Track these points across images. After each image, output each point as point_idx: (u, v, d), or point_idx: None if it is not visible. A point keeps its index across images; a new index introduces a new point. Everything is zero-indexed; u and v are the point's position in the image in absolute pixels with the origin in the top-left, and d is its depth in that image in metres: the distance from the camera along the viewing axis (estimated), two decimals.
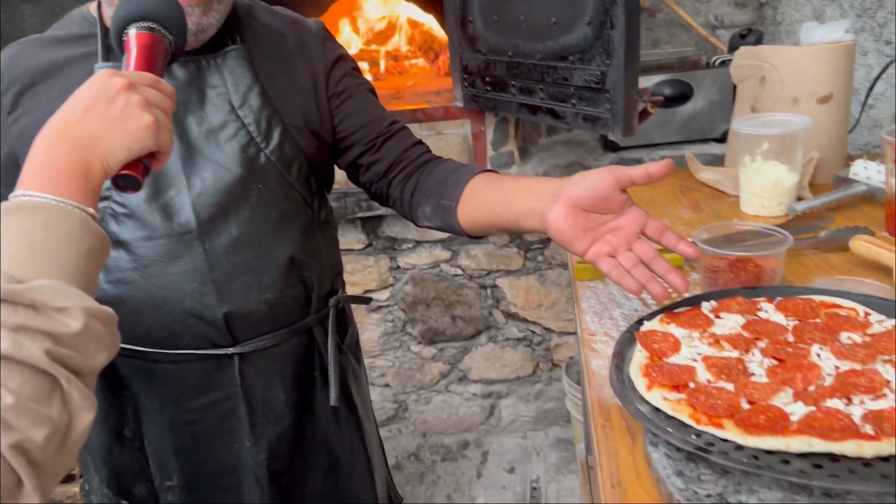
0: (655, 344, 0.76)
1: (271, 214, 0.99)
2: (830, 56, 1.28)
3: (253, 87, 0.97)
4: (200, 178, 0.95)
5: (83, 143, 0.67)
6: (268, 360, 1.03)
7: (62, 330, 0.56)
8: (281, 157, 0.98)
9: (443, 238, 2.19)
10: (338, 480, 1.14)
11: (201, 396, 1.03)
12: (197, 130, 0.95)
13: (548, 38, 1.54)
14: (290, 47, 1.02)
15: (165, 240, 0.95)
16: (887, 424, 0.60)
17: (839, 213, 1.20)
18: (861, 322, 0.77)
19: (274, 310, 1.01)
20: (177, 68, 0.95)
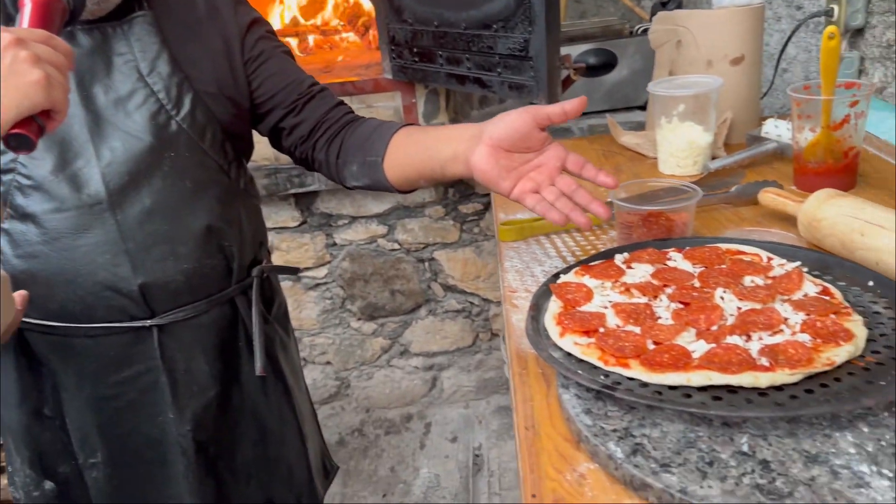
0: (569, 294, 0.79)
1: (185, 183, 0.97)
2: (741, 18, 1.32)
3: (161, 53, 0.95)
4: (109, 148, 0.93)
5: None
6: (189, 331, 1.02)
7: None
8: (193, 124, 0.97)
9: (379, 213, 2.19)
10: (268, 450, 1.14)
11: (121, 370, 1.01)
12: (104, 99, 0.93)
13: (471, 7, 1.55)
14: (200, 12, 1.00)
15: (75, 211, 0.93)
16: (782, 357, 0.64)
17: (751, 170, 1.25)
18: (764, 266, 0.81)
19: (192, 280, 1.00)
20: (81, 36, 0.93)
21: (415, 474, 2.18)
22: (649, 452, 0.57)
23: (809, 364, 0.62)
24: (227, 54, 1.01)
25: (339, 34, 2.56)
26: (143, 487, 1.07)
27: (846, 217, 0.87)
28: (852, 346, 0.64)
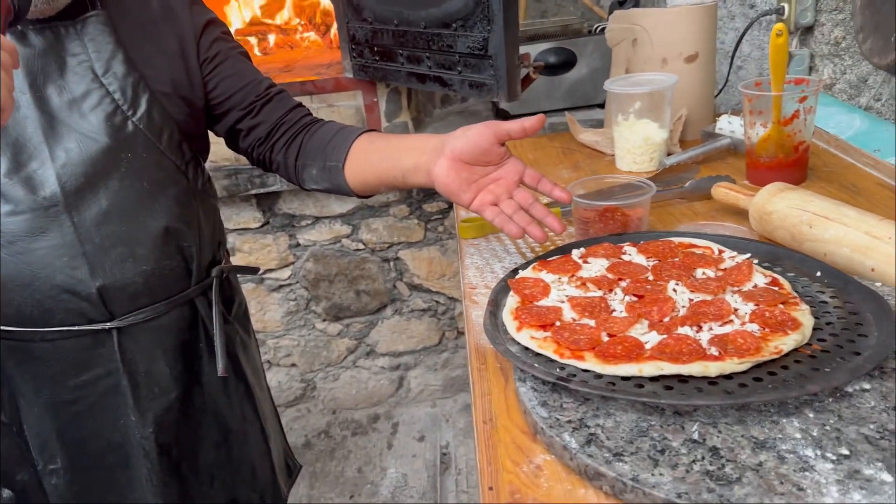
0: (527, 289, 0.79)
1: (142, 184, 0.96)
2: (694, 16, 1.34)
3: (116, 53, 0.94)
4: (64, 149, 0.92)
5: None
6: (148, 333, 1.01)
7: None
8: (150, 124, 0.96)
9: (342, 213, 2.18)
10: (231, 450, 1.13)
11: (80, 374, 1.00)
12: (58, 100, 0.92)
13: (431, 6, 1.55)
14: (154, 12, 0.99)
15: (30, 214, 0.92)
16: (731, 346, 0.65)
17: (706, 166, 1.27)
18: (715, 259, 0.83)
19: (151, 281, 0.99)
20: (33, 36, 0.91)
21: (382, 474, 2.18)
22: (603, 442, 0.58)
23: (757, 353, 0.63)
24: (183, 55, 1.00)
25: (300, 33, 2.55)
26: (104, 492, 1.06)
27: (795, 210, 0.89)
28: (799, 334, 0.66)
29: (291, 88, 1.94)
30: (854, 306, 0.72)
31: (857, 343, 0.65)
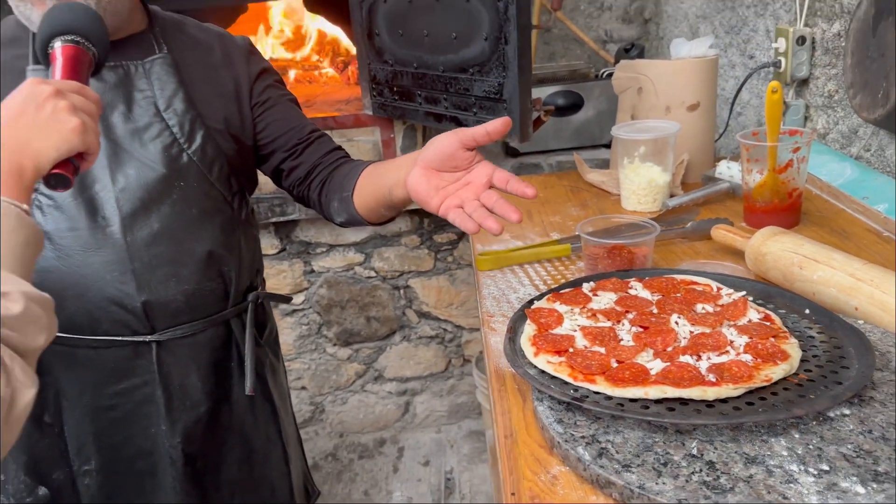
0: (542, 318, 0.88)
1: (191, 210, 1.05)
2: (696, 69, 1.44)
3: (178, 92, 1.04)
4: (124, 175, 1.01)
5: (16, 146, 0.73)
6: (185, 348, 1.09)
7: (4, 312, 0.61)
8: (203, 157, 1.05)
9: (356, 241, 2.27)
10: (253, 468, 1.20)
11: (120, 382, 1.08)
12: (123, 129, 1.01)
13: (449, 52, 1.66)
14: (216, 58, 1.09)
15: (88, 231, 1.01)
16: (727, 374, 0.73)
17: (706, 208, 1.36)
18: (714, 295, 0.91)
19: (191, 300, 1.07)
20: (107, 72, 1.01)
21: (388, 498, 2.23)
22: (613, 455, 0.66)
23: (750, 380, 0.71)
24: (237, 97, 1.10)
25: (319, 69, 2.66)
26: (132, 495, 1.13)
27: (787, 252, 0.98)
28: (787, 365, 0.74)
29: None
30: (838, 341, 0.80)
31: (840, 374, 0.73)
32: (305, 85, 2.62)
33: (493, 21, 1.52)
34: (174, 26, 1.11)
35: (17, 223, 0.69)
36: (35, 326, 0.64)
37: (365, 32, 1.90)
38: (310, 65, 2.64)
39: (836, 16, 1.43)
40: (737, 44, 1.94)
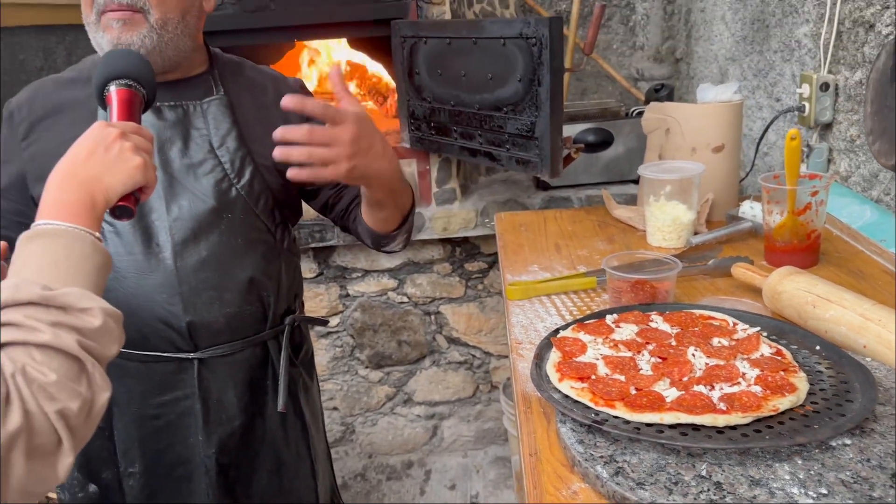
0: (567, 347, 0.94)
1: (237, 240, 1.15)
2: (721, 112, 1.51)
3: (231, 131, 1.14)
4: (178, 206, 1.11)
5: (88, 181, 0.83)
6: (224, 366, 1.18)
7: (86, 326, 0.71)
8: (250, 191, 1.15)
9: (390, 267, 2.35)
10: (282, 482, 1.28)
11: (164, 394, 1.17)
12: (179, 164, 1.12)
13: (485, 91, 1.75)
14: (269, 98, 1.19)
15: (143, 257, 1.11)
16: (737, 403, 0.79)
17: (729, 246, 1.42)
18: (729, 330, 0.97)
19: (232, 322, 1.16)
20: (167, 111, 1.12)
21: None
22: (628, 474, 0.72)
23: (758, 409, 0.77)
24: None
25: (359, 103, 2.77)
26: (170, 498, 1.21)
27: (801, 291, 1.04)
28: (795, 397, 0.80)
29: None
30: (845, 376, 0.85)
31: (844, 407, 0.79)
32: None
33: (527, 64, 1.61)
34: (232, 68, 1.22)
35: (92, 249, 0.79)
36: (110, 338, 0.74)
37: (406, 71, 2.00)
38: None
39: (859, 64, 1.49)
40: (764, 87, 2.00)
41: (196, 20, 1.12)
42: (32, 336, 0.67)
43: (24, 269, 0.75)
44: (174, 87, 1.14)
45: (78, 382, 0.68)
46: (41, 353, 0.66)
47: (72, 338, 0.69)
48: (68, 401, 0.66)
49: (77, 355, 0.69)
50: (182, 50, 1.10)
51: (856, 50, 1.50)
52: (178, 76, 1.14)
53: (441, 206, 2.21)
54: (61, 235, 0.78)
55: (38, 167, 1.10)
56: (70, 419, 0.66)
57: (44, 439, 0.63)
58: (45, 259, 0.76)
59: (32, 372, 0.64)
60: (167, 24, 1.06)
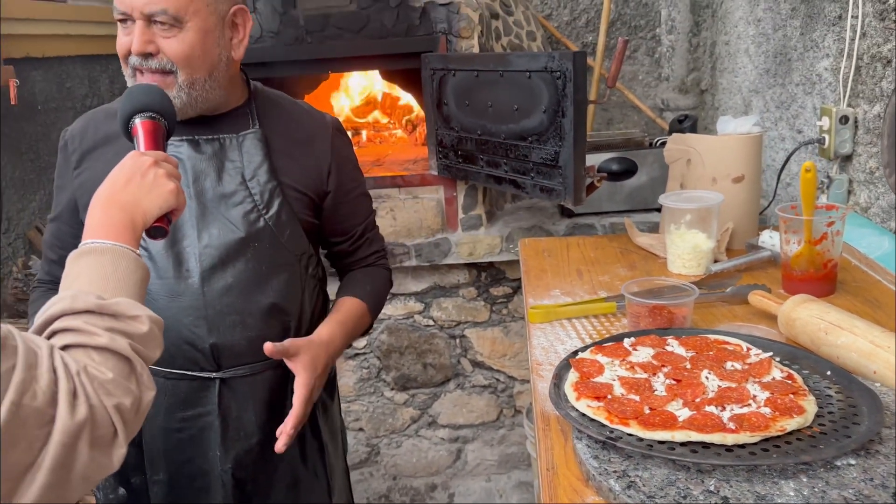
0: (585, 368, 0.99)
1: (261, 267, 1.21)
2: (741, 144, 1.55)
3: (263, 164, 1.21)
4: (209, 234, 1.18)
5: (129, 205, 0.92)
6: (244, 386, 1.24)
7: (136, 331, 0.79)
8: (277, 222, 1.22)
9: (417, 291, 2.41)
10: (298, 498, 1.33)
11: (187, 409, 1.23)
12: (212, 194, 1.19)
13: (510, 122, 1.81)
14: (303, 134, 1.27)
15: (173, 281, 1.18)
16: (746, 423, 0.83)
17: (748, 274, 1.45)
18: (743, 354, 1.01)
19: (254, 345, 1.21)
20: (205, 144, 1.19)
21: None
22: (640, 488, 0.76)
23: (766, 429, 0.81)
24: (317, 173, 1.28)
25: (389, 130, 2.86)
26: None
27: (814, 318, 1.07)
28: (802, 418, 0.83)
29: (383, 182, 2.22)
30: (854, 400, 0.88)
31: (850, 429, 0.82)
32: (376, 144, 2.82)
33: (551, 96, 1.67)
34: (271, 102, 1.29)
35: (135, 264, 0.88)
36: (154, 343, 0.82)
37: (435, 101, 2.07)
38: (381, 126, 2.84)
39: (877, 98, 1.53)
40: (786, 118, 2.03)
41: (225, 72, 1.18)
42: (91, 339, 0.74)
43: (75, 282, 0.83)
44: (213, 122, 1.21)
45: (130, 381, 0.75)
46: (99, 354, 0.74)
47: (125, 341, 0.76)
48: (123, 397, 0.73)
49: (129, 357, 0.76)
50: (213, 100, 1.18)
51: (874, 84, 1.53)
52: (216, 112, 1.22)
53: (467, 231, 2.27)
54: (108, 252, 0.86)
55: (87, 193, 1.17)
56: (124, 413, 0.73)
57: (103, 430, 0.70)
58: (95, 273, 0.84)
59: (93, 371, 0.71)
60: (195, 84, 1.14)
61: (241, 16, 1.20)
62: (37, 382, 0.66)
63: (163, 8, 1.08)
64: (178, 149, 1.19)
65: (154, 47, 1.10)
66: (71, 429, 0.66)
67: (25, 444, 0.64)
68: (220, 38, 1.16)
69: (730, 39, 2.56)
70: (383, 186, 2.23)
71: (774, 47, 2.10)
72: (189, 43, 1.11)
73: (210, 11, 1.13)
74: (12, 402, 0.62)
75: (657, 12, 2.90)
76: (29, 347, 0.67)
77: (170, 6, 1.09)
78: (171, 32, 1.10)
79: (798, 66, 1.94)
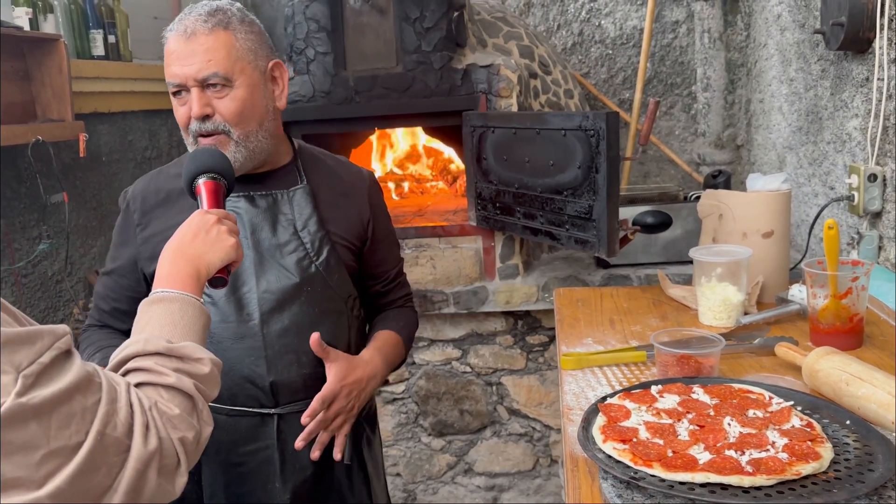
0: (612, 412, 1.04)
1: (314, 310, 1.31)
2: (770, 201, 1.61)
3: (312, 216, 1.32)
4: (266, 280, 1.28)
5: (195, 258, 1.03)
6: (299, 421, 1.31)
7: (199, 372, 0.88)
8: (327, 268, 1.32)
9: (455, 338, 2.48)
10: None
11: (248, 444, 1.31)
12: (268, 244, 1.30)
13: (546, 176, 1.89)
14: (344, 187, 1.39)
15: (235, 324, 1.28)
16: (763, 467, 0.87)
17: (777, 326, 1.49)
18: (765, 403, 1.05)
19: (308, 382, 1.30)
20: (259, 199, 1.31)
21: None
22: None
23: (782, 473, 0.85)
24: (359, 222, 1.39)
25: (430, 181, 2.97)
26: None
27: (836, 370, 1.11)
28: (818, 464, 0.87)
29: (424, 232, 2.32)
30: (870, 448, 0.92)
31: (864, 475, 0.86)
32: (418, 195, 2.94)
33: (585, 153, 1.75)
34: (313, 158, 1.41)
35: (199, 312, 0.98)
36: (214, 383, 0.91)
37: (475, 156, 2.17)
38: (422, 178, 2.96)
39: None
40: (818, 175, 2.08)
41: (273, 121, 1.31)
42: (161, 379, 0.83)
43: (147, 327, 0.93)
44: (265, 179, 1.33)
45: (192, 417, 0.84)
46: (168, 392, 0.83)
47: (189, 381, 0.85)
48: (186, 431, 0.81)
49: (193, 395, 0.85)
50: (267, 150, 1.30)
51: None
52: (267, 168, 1.34)
53: (504, 280, 2.34)
54: (176, 301, 0.96)
55: (150, 248, 1.29)
56: (187, 445, 0.81)
57: (169, 460, 0.78)
58: (165, 319, 0.94)
59: (162, 406, 0.80)
60: (249, 137, 1.26)
61: (279, 69, 1.33)
62: (117, 415, 0.75)
63: (214, 72, 1.21)
64: (236, 204, 1.30)
65: (211, 109, 1.23)
66: (143, 457, 0.75)
67: (106, 468, 0.73)
68: (265, 90, 1.29)
69: (764, 97, 2.63)
70: (424, 236, 2.33)
71: (806, 106, 2.16)
72: (241, 99, 1.24)
73: (253, 68, 1.26)
74: (98, 431, 0.71)
75: (693, 70, 2.99)
76: (110, 384, 0.77)
77: (220, 69, 1.22)
78: (224, 93, 1.23)
79: (829, 124, 1.99)
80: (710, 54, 2.85)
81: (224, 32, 1.24)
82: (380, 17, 2.22)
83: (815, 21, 2.04)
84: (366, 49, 2.26)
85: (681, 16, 2.96)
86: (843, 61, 1.87)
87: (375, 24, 2.23)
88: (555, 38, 3.09)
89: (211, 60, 1.21)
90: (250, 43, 1.27)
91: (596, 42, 3.07)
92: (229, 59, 1.23)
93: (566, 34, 3.08)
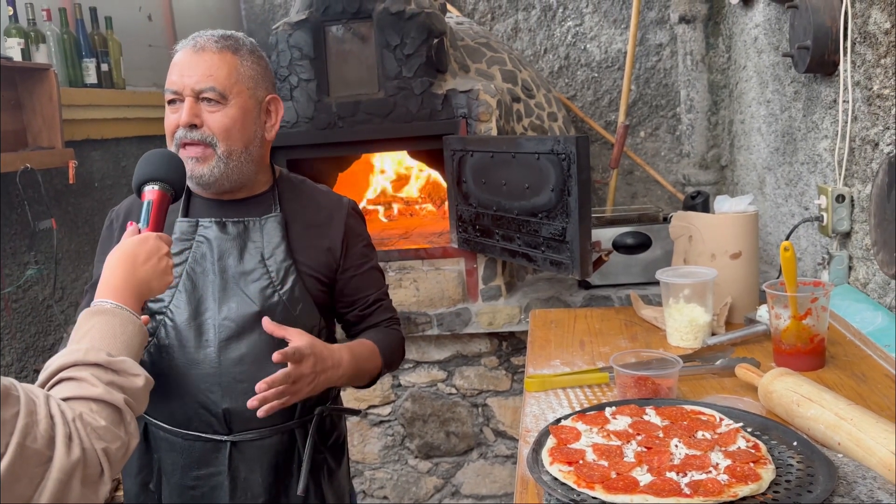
0: (563, 434, 1.06)
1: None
2: (737, 223, 1.62)
3: (280, 244, 1.33)
4: (228, 307, 1.30)
5: (141, 282, 1.09)
6: (253, 449, 1.32)
7: (132, 386, 0.92)
8: (291, 297, 1.32)
9: (440, 359, 2.49)
10: None
11: (201, 469, 1.33)
12: (233, 271, 1.31)
13: (522, 199, 1.92)
14: (321, 216, 1.40)
15: (193, 350, 1.30)
16: (701, 488, 0.89)
17: (744, 347, 1.50)
18: (715, 424, 1.06)
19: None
20: (230, 226, 1.33)
21: None
22: None
23: (719, 494, 0.86)
24: (330, 251, 1.39)
25: (419, 204, 3.00)
26: None
27: (788, 391, 1.12)
28: (756, 486, 0.88)
29: (407, 254, 2.34)
30: (813, 469, 0.93)
31: (802, 496, 0.87)
32: (407, 217, 2.97)
33: (558, 176, 1.78)
34: (292, 186, 1.42)
35: (140, 329, 1.03)
36: (144, 398, 0.96)
37: (455, 179, 2.20)
38: (411, 200, 2.99)
39: (869, 178, 1.59)
40: (794, 195, 2.10)
41: (259, 149, 1.33)
42: (89, 391, 0.88)
43: (86, 336, 0.97)
44: (239, 205, 1.35)
45: (119, 428, 0.88)
46: (97, 404, 0.87)
47: (121, 395, 0.90)
48: (111, 442, 0.85)
49: (121, 408, 0.89)
50: (246, 174, 1.32)
51: (865, 165, 1.60)
52: (243, 195, 1.35)
53: (487, 301, 2.36)
54: (119, 315, 1.02)
55: None
56: (111, 455, 0.85)
57: (93, 470, 0.82)
58: (106, 331, 0.99)
59: (88, 418, 0.84)
60: (232, 155, 1.28)
61: (275, 104, 1.36)
62: (37, 427, 0.78)
63: (211, 86, 1.25)
64: (206, 230, 1.32)
65: (199, 120, 1.26)
66: (66, 468, 0.78)
67: (27, 480, 0.76)
68: (257, 118, 1.32)
69: (745, 118, 2.66)
70: (407, 258, 2.35)
71: (782, 127, 2.19)
72: (231, 117, 1.27)
73: (250, 95, 1.30)
74: (17, 443, 0.75)
75: (677, 92, 3.02)
76: (28, 397, 0.80)
77: (217, 84, 1.26)
78: (216, 108, 1.27)
79: (802, 145, 2.01)
80: (693, 76, 2.88)
81: (231, 55, 1.28)
82: (361, 45, 2.26)
83: (787, 44, 2.07)
84: (348, 75, 2.30)
85: (664, 39, 3.00)
86: (813, 83, 1.89)
87: (357, 51, 2.27)
88: (542, 61, 3.14)
89: (211, 76, 1.25)
90: (253, 72, 1.31)
91: (582, 65, 3.11)
92: (229, 80, 1.27)
93: (553, 58, 3.13)
